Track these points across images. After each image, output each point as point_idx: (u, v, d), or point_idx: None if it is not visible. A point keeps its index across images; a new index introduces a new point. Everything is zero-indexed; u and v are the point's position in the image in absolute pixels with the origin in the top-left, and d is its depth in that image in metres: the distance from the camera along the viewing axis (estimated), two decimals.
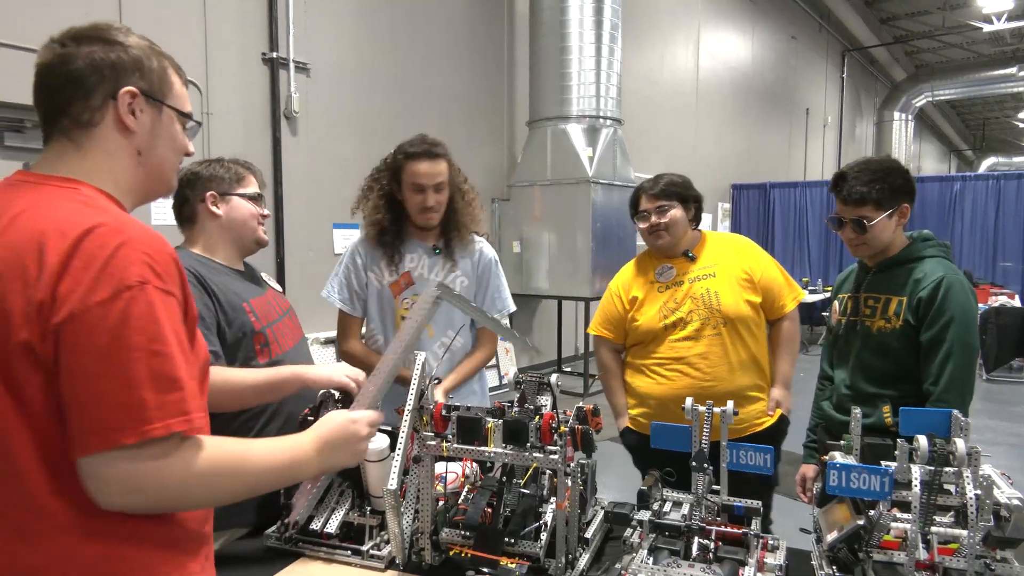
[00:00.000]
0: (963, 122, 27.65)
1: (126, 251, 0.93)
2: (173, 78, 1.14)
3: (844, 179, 2.08)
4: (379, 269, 2.41)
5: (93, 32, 1.06)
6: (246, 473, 1.06)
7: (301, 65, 5.53)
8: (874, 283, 2.13)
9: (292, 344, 2.00)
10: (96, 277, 0.90)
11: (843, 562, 1.45)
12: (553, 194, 7.28)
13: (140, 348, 0.91)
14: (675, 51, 10.86)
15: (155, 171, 1.13)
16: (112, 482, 0.91)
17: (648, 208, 2.43)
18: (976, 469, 1.33)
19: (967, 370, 1.97)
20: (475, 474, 1.82)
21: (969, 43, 17.98)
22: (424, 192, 2.29)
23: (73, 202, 0.99)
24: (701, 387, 2.31)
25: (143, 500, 0.95)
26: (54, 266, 0.90)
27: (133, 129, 1.08)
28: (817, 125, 16.55)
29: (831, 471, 1.36)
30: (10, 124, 4.02)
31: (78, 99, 1.04)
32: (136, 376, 0.91)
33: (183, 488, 0.97)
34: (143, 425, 0.90)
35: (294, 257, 5.54)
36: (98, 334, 0.90)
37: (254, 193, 1.98)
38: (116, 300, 0.91)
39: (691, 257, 2.46)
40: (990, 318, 8.12)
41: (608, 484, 4.64)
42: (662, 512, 1.65)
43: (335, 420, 1.25)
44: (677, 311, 2.39)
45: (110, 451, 0.90)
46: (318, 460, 1.19)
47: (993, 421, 6.55)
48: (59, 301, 0.89)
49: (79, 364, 0.90)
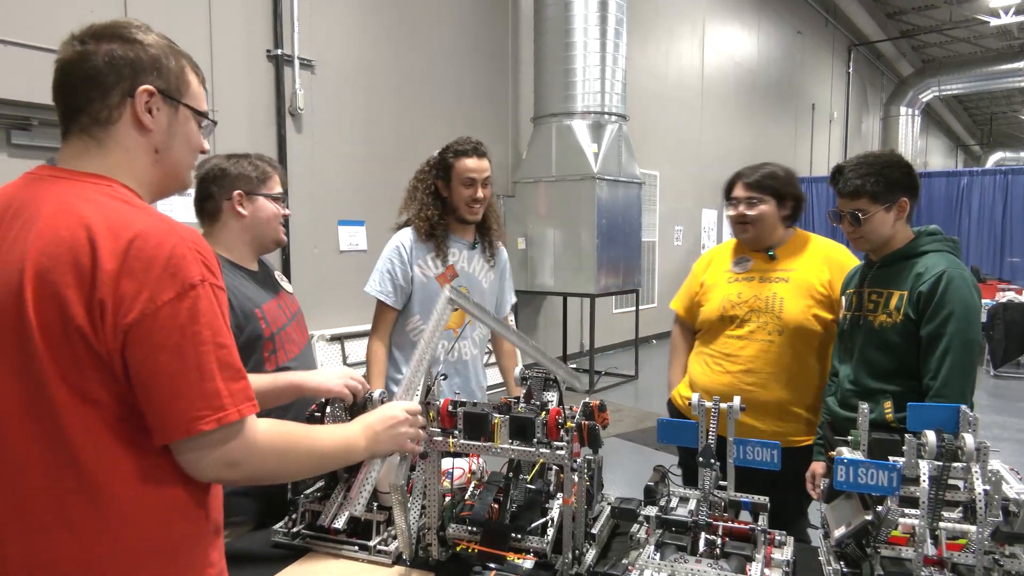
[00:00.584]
0: (970, 117, 27.51)
1: (182, 251, 0.98)
2: (190, 77, 1.15)
3: (841, 172, 2.07)
4: (425, 263, 2.51)
5: (112, 30, 1.07)
6: (312, 451, 1.18)
7: (306, 62, 5.54)
8: (877, 278, 2.12)
9: (297, 351, 1.98)
10: (159, 278, 0.95)
11: (851, 557, 1.45)
12: (558, 190, 7.28)
13: (209, 342, 0.99)
14: (680, 46, 10.83)
15: (171, 169, 1.15)
16: (203, 460, 1.01)
17: (740, 196, 2.36)
18: (985, 464, 1.33)
19: (967, 365, 1.94)
20: (481, 470, 1.82)
21: (976, 37, 17.88)
22: (474, 185, 2.45)
23: (115, 200, 1.02)
24: (740, 389, 2.26)
25: (236, 473, 1.05)
26: (111, 266, 0.94)
27: (150, 127, 1.09)
28: (823, 120, 16.48)
29: (839, 466, 1.36)
30: (16, 122, 4.03)
31: (97, 97, 1.05)
32: (208, 368, 0.98)
33: (265, 462, 1.08)
34: (219, 412, 0.99)
35: (299, 254, 5.55)
36: (170, 332, 0.96)
37: (279, 193, 1.97)
38: (183, 299, 0.97)
39: (772, 256, 2.38)
40: (997, 314, 8.09)
41: (615, 480, 4.66)
42: (669, 508, 1.65)
43: (379, 410, 1.38)
44: (739, 306, 2.35)
45: (193, 438, 0.98)
46: (365, 444, 1.31)
47: (1001, 417, 6.52)
48: (126, 302, 0.94)
49: (154, 360, 0.96)
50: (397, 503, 1.48)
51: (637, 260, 7.90)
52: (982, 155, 28.40)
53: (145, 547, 1.01)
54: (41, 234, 0.97)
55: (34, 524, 0.97)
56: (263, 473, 1.11)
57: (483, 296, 2.57)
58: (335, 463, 1.30)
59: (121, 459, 0.99)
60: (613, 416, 2.07)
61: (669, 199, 10.79)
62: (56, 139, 1.15)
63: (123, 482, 0.99)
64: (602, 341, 8.91)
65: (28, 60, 3.96)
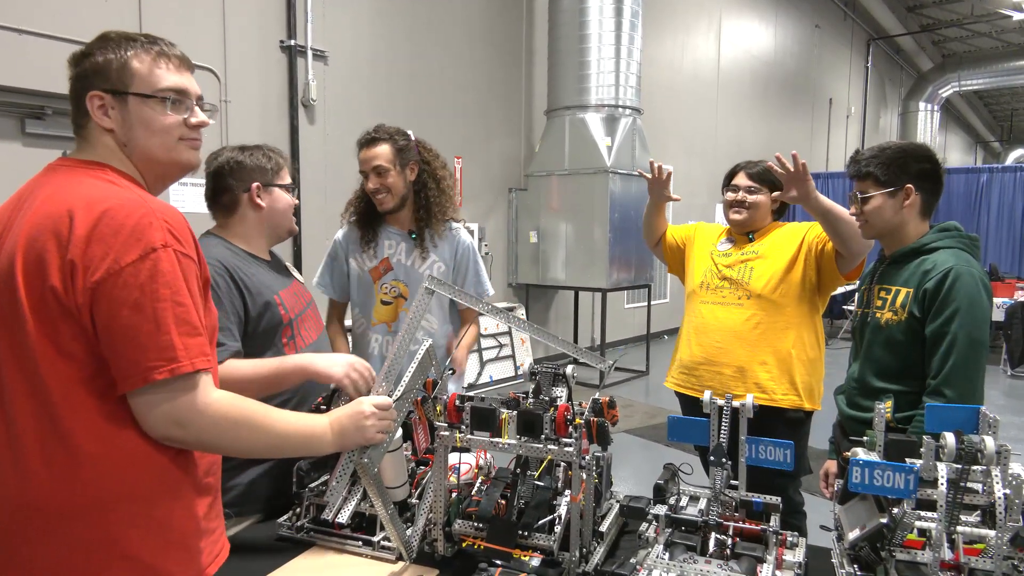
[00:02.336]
0: (990, 113, 27.14)
1: (148, 219, 1.09)
2: (135, 65, 1.20)
3: (853, 156, 2.12)
4: (359, 256, 2.49)
5: (85, 48, 1.22)
6: (268, 430, 1.21)
7: (319, 53, 5.53)
8: (886, 274, 2.08)
9: (315, 336, 1.99)
10: (125, 241, 1.06)
11: (865, 561, 1.42)
12: (571, 184, 7.24)
13: (167, 299, 1.08)
14: (696, 39, 10.73)
15: (146, 156, 1.23)
16: (154, 414, 1.08)
17: (740, 184, 2.57)
18: (1005, 467, 1.29)
19: (971, 365, 1.88)
20: (489, 465, 1.80)
21: (998, 32, 17.61)
22: (367, 177, 2.40)
23: (100, 180, 1.15)
24: (712, 349, 2.51)
25: (184, 432, 1.10)
26: (82, 232, 1.06)
27: (109, 127, 1.21)
28: (840, 115, 16.31)
29: (854, 468, 1.33)
30: (32, 111, 4.05)
31: (74, 110, 1.23)
32: (165, 323, 1.07)
33: (214, 421, 1.12)
34: (172, 364, 1.07)
35: (310, 245, 5.56)
36: (131, 289, 1.06)
37: (291, 184, 1.98)
38: (144, 260, 1.06)
39: (751, 239, 2.59)
40: (1015, 313, 7.96)
41: (624, 477, 4.63)
42: (679, 507, 1.62)
43: (350, 404, 1.38)
44: (716, 277, 2.57)
45: (147, 386, 1.06)
46: (332, 437, 1.32)
47: (1018, 417, 6.44)
48: (92, 262, 1.05)
49: (116, 315, 1.06)
50: (369, 485, 1.42)
51: (649, 255, 7.82)
52: (1002, 152, 28.04)
53: (113, 495, 1.10)
54: (36, 211, 1.11)
55: (25, 465, 1.08)
56: (212, 439, 1.15)
57: None
58: (296, 450, 1.31)
59: (92, 410, 1.08)
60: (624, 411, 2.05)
61: (683, 193, 10.64)
62: (69, 128, 1.27)
63: (93, 432, 1.08)
64: (613, 336, 8.87)
65: (43, 49, 3.98)
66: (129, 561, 1.11)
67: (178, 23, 4.60)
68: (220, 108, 4.89)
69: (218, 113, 4.90)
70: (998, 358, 8.25)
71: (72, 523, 1.08)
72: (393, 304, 2.47)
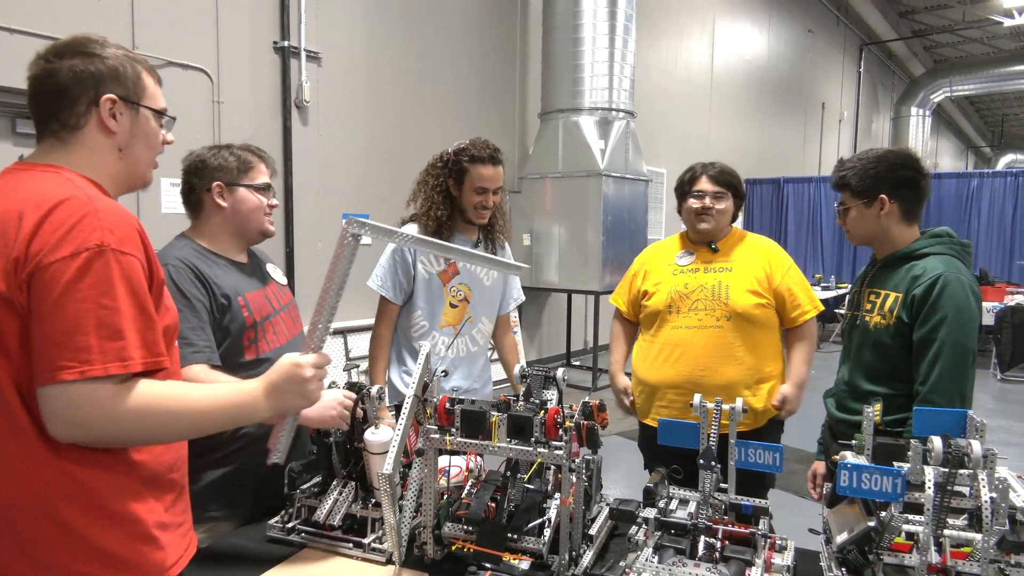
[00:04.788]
0: (981, 118, 27.32)
1: (90, 219, 1.09)
2: (146, 80, 1.27)
3: (839, 164, 2.11)
4: (428, 260, 2.50)
5: (72, 47, 1.21)
6: (185, 412, 1.17)
7: (312, 54, 5.52)
8: (877, 278, 2.09)
9: (286, 340, 1.95)
10: (61, 238, 1.06)
11: (853, 564, 1.43)
12: (564, 187, 7.25)
13: (90, 300, 1.06)
14: (690, 43, 10.77)
15: (133, 165, 1.28)
16: (58, 414, 1.06)
17: (706, 190, 2.45)
18: (992, 471, 1.30)
19: (958, 371, 1.90)
20: (479, 468, 1.80)
21: (989, 38, 17.74)
22: (485, 193, 2.46)
23: (52, 181, 1.15)
24: (693, 376, 2.35)
25: (86, 433, 1.09)
26: (28, 229, 1.07)
27: (114, 130, 1.23)
28: (833, 120, 16.39)
29: (842, 471, 1.33)
30: (22, 111, 4.03)
31: (65, 107, 1.20)
32: (84, 323, 1.05)
33: (116, 423, 1.09)
34: (83, 365, 1.05)
35: (303, 247, 5.54)
36: (55, 285, 1.05)
37: (263, 184, 1.92)
38: (74, 258, 1.06)
39: (714, 249, 2.48)
40: (1005, 317, 8.02)
41: (616, 479, 4.64)
42: (668, 510, 1.63)
43: (281, 364, 1.31)
44: (686, 297, 2.41)
45: (54, 384, 1.05)
46: (267, 403, 1.27)
47: (1007, 422, 6.47)
48: (30, 257, 1.06)
49: (39, 310, 1.06)
50: (386, 494, 1.45)
51: None
52: (993, 157, 28.22)
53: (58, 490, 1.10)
54: None
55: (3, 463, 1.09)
56: (117, 438, 1.12)
57: (484, 293, 2.56)
58: (222, 424, 1.25)
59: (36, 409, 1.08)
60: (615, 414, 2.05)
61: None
62: None
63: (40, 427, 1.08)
64: (606, 339, 8.88)
65: (35, 49, 3.95)
66: (95, 553, 1.12)
67: (171, 23, 4.59)
68: (213, 109, 4.88)
69: (211, 114, 4.88)
70: (988, 362, 8.29)
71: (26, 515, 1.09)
72: (459, 307, 2.53)
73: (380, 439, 1.64)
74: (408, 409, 1.53)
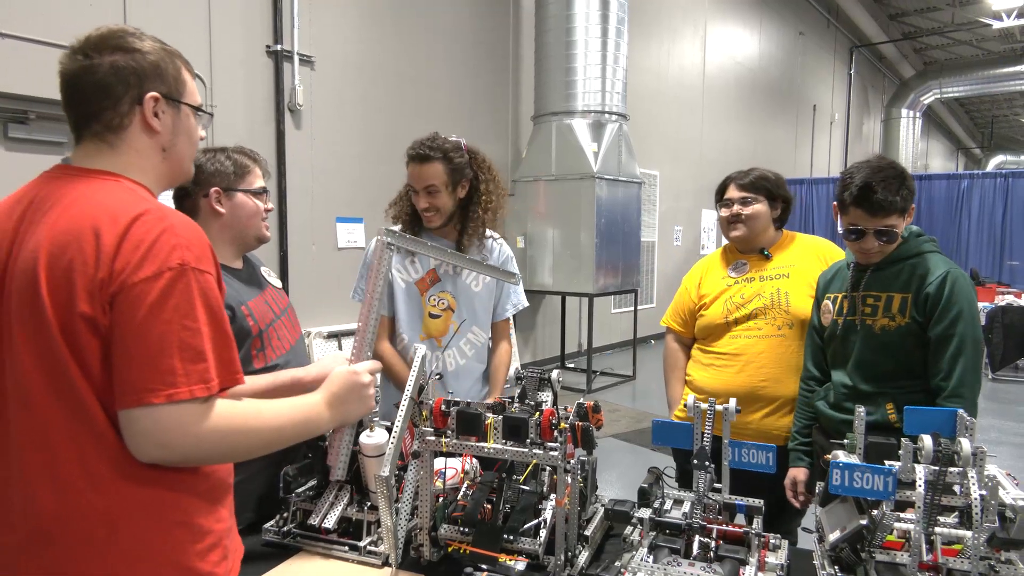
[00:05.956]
0: (971, 120, 27.50)
1: (168, 235, 1.06)
2: (186, 76, 1.24)
3: (871, 190, 1.93)
4: (404, 268, 2.37)
5: (111, 41, 1.15)
6: (260, 430, 1.17)
7: (305, 58, 5.52)
8: (873, 281, 2.09)
9: (289, 345, 1.93)
10: (143, 257, 1.04)
11: (845, 562, 1.44)
12: (557, 189, 7.26)
13: (174, 322, 1.04)
14: (682, 46, 10.81)
15: (177, 163, 1.26)
16: (143, 436, 1.04)
17: (733, 197, 2.41)
18: (981, 469, 1.31)
19: (977, 364, 1.95)
20: (475, 470, 1.81)
21: (978, 40, 17.86)
22: (417, 194, 2.29)
23: (119, 192, 1.12)
24: (753, 386, 2.30)
25: (170, 454, 1.07)
26: (110, 248, 1.04)
27: (158, 130, 1.19)
28: (824, 122, 16.47)
29: (834, 470, 1.35)
30: (14, 115, 4.01)
31: (108, 107, 1.15)
32: (168, 346, 1.04)
33: (199, 443, 1.08)
34: (170, 388, 1.03)
35: (297, 251, 5.54)
36: (140, 306, 1.03)
37: (259, 188, 1.90)
38: (157, 279, 1.04)
39: (767, 255, 2.41)
40: (996, 317, 8.08)
41: (611, 480, 4.65)
42: (663, 510, 1.64)
43: (339, 375, 1.34)
44: (743, 307, 2.36)
45: (140, 408, 1.03)
46: (330, 415, 1.31)
47: (998, 420, 6.51)
48: (113, 277, 1.03)
49: (123, 331, 1.03)
50: (382, 497, 1.45)
51: (636, 260, 7.89)
52: (983, 158, 28.40)
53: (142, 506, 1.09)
54: (54, 225, 1.07)
55: (63, 481, 1.06)
56: (201, 458, 1.12)
57: (473, 301, 2.37)
58: (293, 439, 1.26)
59: None
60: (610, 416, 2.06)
61: (669, 199, 10.78)
62: (52, 132, 1.29)
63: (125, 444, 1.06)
64: (600, 341, 8.90)
65: (25, 53, 3.95)
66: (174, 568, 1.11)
67: (163, 27, 4.57)
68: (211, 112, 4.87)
69: None
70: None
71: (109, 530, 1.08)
72: (442, 317, 2.35)
73: (375, 442, 1.65)
74: (404, 411, 1.53)
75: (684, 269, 2.75)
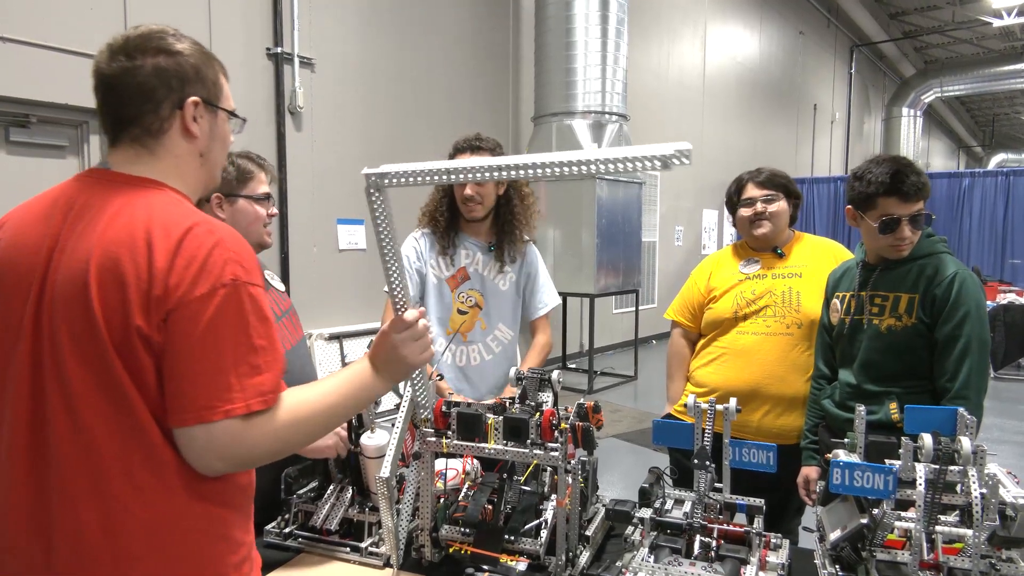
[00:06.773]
0: (972, 118, 27.47)
1: (220, 250, 1.05)
2: (222, 80, 1.22)
3: (904, 175, 1.95)
4: (436, 264, 2.46)
5: (153, 42, 1.14)
6: (322, 413, 1.16)
7: (306, 60, 5.53)
8: (881, 281, 2.09)
9: (291, 347, 1.94)
10: (197, 273, 1.02)
11: (846, 561, 1.44)
12: (558, 190, 7.27)
13: (228, 339, 1.04)
14: (682, 46, 10.82)
15: (212, 170, 1.24)
16: (203, 451, 1.04)
17: (755, 196, 2.41)
18: (982, 468, 1.32)
19: (984, 365, 1.95)
20: (476, 471, 1.81)
21: (979, 38, 17.85)
22: (463, 185, 2.36)
23: (166, 202, 1.10)
24: (756, 382, 2.31)
25: (231, 464, 1.07)
26: (163, 264, 1.02)
27: (196, 135, 1.17)
28: (825, 121, 16.46)
29: (835, 469, 1.35)
30: (15, 119, 4.02)
31: (149, 110, 1.13)
32: (224, 362, 1.03)
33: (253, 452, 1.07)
34: (227, 404, 1.02)
35: (298, 253, 5.54)
36: (196, 324, 1.02)
37: (262, 194, 1.89)
38: (213, 296, 1.03)
39: (780, 254, 2.42)
40: (998, 315, 8.08)
41: (613, 480, 4.64)
42: (664, 510, 1.64)
43: (379, 333, 1.29)
44: (753, 303, 2.36)
45: (199, 425, 1.02)
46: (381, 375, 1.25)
47: (1000, 419, 6.51)
48: (168, 294, 1.01)
49: (178, 348, 1.02)
50: (383, 498, 1.46)
51: (637, 260, 7.89)
52: (984, 156, 28.36)
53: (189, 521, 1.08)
54: (104, 233, 1.05)
55: (108, 492, 1.04)
56: (257, 461, 1.11)
57: (500, 298, 2.48)
58: (353, 409, 1.24)
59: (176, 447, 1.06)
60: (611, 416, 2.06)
61: (669, 199, 10.78)
62: (53, 136, 1.25)
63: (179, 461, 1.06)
64: (601, 341, 8.90)
65: (27, 57, 3.96)
66: None
67: None
68: None
69: None
70: None
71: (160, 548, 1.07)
72: (469, 314, 2.45)
73: (376, 443, 1.65)
74: (404, 413, 1.53)
75: (685, 269, 2.76)
